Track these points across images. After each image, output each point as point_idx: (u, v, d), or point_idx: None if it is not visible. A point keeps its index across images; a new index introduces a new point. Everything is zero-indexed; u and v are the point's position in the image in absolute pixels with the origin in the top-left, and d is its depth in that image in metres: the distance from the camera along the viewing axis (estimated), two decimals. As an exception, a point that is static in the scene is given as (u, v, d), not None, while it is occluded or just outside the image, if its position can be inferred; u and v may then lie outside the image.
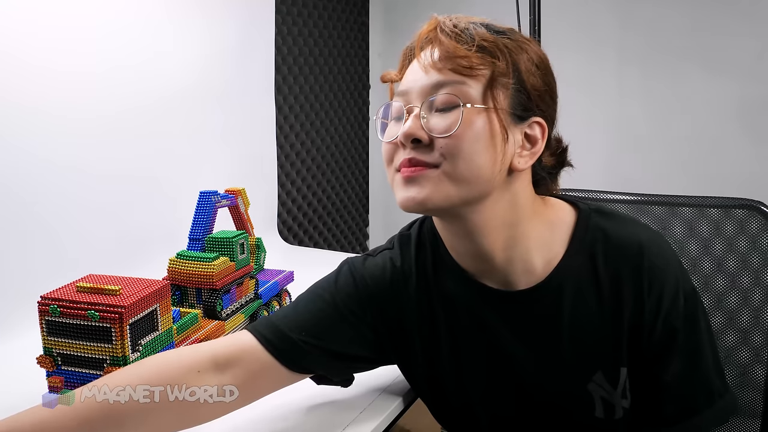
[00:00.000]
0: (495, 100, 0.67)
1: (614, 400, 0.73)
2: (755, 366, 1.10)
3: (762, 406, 1.08)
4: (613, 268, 0.72)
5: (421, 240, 0.82)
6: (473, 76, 0.67)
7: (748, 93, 1.76)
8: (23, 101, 1.10)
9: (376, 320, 0.79)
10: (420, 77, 0.69)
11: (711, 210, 1.16)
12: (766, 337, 1.10)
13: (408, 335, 0.80)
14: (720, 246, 1.14)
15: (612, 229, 0.74)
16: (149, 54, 1.34)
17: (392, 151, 0.71)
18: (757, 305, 1.11)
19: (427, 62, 0.68)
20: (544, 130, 0.71)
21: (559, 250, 0.74)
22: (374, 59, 2.33)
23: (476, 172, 0.67)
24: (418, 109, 0.67)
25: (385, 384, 0.88)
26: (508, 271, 0.74)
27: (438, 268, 0.79)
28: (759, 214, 1.11)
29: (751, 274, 1.12)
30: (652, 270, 0.71)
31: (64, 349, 0.74)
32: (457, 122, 0.65)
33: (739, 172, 1.79)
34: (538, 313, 0.74)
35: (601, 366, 0.73)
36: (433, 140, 0.66)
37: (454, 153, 0.66)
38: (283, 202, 1.88)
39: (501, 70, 0.67)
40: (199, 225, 1.04)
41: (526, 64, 0.69)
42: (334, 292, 0.79)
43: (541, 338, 0.75)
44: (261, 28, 1.70)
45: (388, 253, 0.82)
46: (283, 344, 0.74)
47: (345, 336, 0.78)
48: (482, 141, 0.66)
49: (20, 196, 1.11)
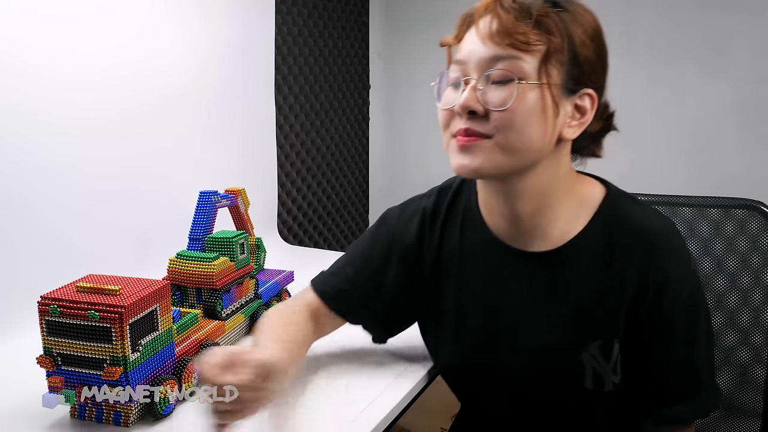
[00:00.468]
0: (549, 75, 0.70)
1: (605, 373, 0.77)
2: (755, 366, 1.10)
3: (762, 406, 1.08)
4: (625, 251, 0.76)
5: (461, 189, 0.89)
6: (529, 52, 0.69)
7: (748, 93, 1.76)
8: (23, 101, 1.10)
9: (403, 268, 0.88)
10: (477, 48, 0.71)
11: (711, 210, 1.16)
12: (766, 337, 1.10)
13: (422, 279, 0.88)
14: (720, 246, 1.15)
15: (633, 214, 0.78)
16: (149, 53, 1.34)
17: (449, 118, 0.75)
18: (757, 305, 1.11)
19: (485, 33, 0.70)
20: (594, 100, 0.74)
21: (580, 225, 0.79)
22: (374, 59, 2.33)
23: (527, 144, 0.71)
24: (475, 81, 0.71)
25: (384, 384, 0.88)
26: (528, 234, 0.79)
27: (466, 218, 0.86)
28: (759, 214, 1.11)
29: (751, 274, 1.12)
30: (661, 260, 0.75)
31: (64, 349, 0.74)
32: (512, 97, 0.69)
33: (739, 172, 1.79)
34: (548, 276, 0.79)
35: (597, 338, 0.77)
36: (488, 112, 0.70)
37: (507, 126, 0.70)
38: (283, 202, 1.88)
39: (556, 46, 0.70)
40: (199, 225, 1.04)
41: (581, 37, 0.71)
42: (371, 244, 0.91)
43: (546, 299, 0.79)
44: (261, 28, 1.70)
45: (423, 202, 0.91)
46: (335, 297, 0.90)
47: (380, 285, 0.89)
48: (535, 115, 0.70)
49: (20, 195, 1.10)
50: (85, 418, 0.77)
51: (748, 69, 1.75)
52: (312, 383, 0.89)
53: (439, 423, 1.77)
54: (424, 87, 2.30)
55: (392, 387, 0.87)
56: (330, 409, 0.81)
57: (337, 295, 0.90)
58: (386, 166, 2.42)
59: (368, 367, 0.93)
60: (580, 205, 0.79)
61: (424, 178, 2.37)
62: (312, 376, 0.91)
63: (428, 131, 2.29)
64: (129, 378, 0.73)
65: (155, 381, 0.77)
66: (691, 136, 1.86)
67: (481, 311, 0.84)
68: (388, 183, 2.42)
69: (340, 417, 0.79)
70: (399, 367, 0.93)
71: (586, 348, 0.77)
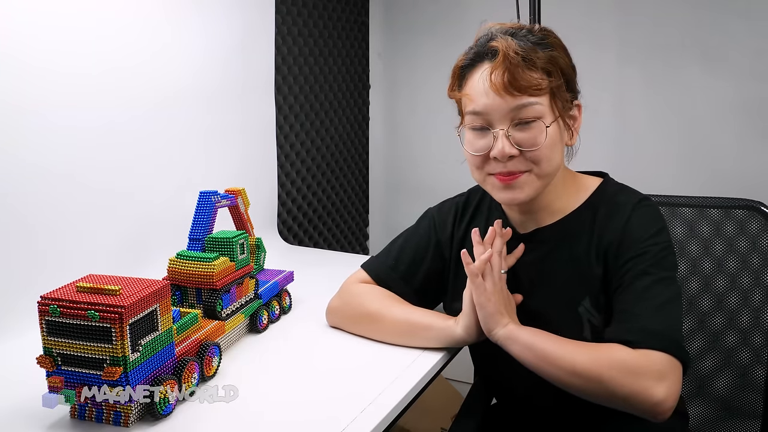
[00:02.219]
0: (557, 108, 0.87)
1: (599, 324, 0.89)
2: (755, 366, 1.10)
3: (762, 407, 1.08)
4: (606, 219, 0.91)
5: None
6: (541, 95, 0.85)
7: (748, 92, 1.76)
8: (23, 102, 1.10)
9: (438, 256, 1.05)
10: (496, 101, 0.85)
11: (711, 210, 1.16)
12: (766, 338, 1.10)
13: (450, 263, 1.05)
14: (720, 246, 1.15)
15: (618, 195, 0.93)
16: (148, 54, 1.34)
17: (482, 161, 0.90)
18: (757, 305, 1.11)
19: (499, 86, 0.84)
20: (579, 107, 0.93)
21: (571, 208, 0.95)
22: (374, 59, 2.33)
23: (556, 166, 0.89)
24: (504, 130, 0.86)
25: (384, 384, 0.88)
26: (537, 218, 0.96)
27: (491, 212, 1.03)
28: (759, 214, 1.11)
29: (751, 274, 1.12)
30: (633, 219, 0.89)
31: (64, 349, 0.74)
32: (541, 137, 0.85)
33: (739, 172, 1.79)
34: (549, 246, 0.94)
35: (588, 293, 0.90)
36: (521, 152, 0.86)
37: (540, 159, 0.86)
38: (283, 202, 1.88)
39: (557, 83, 0.86)
40: (199, 225, 1.04)
41: (564, 63, 0.89)
42: (415, 236, 1.08)
43: (546, 266, 0.94)
44: (261, 28, 1.70)
45: (457, 199, 1.08)
46: (385, 279, 1.06)
47: (422, 270, 1.05)
48: (556, 142, 0.88)
49: (20, 195, 1.10)
50: (85, 418, 0.77)
51: (749, 68, 1.75)
52: (312, 383, 0.89)
53: (439, 423, 1.77)
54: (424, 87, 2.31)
55: (392, 387, 0.87)
56: (330, 409, 0.81)
57: (383, 275, 1.07)
58: (386, 166, 2.42)
59: (368, 367, 0.93)
60: (577, 191, 0.96)
61: (424, 179, 2.38)
62: (312, 376, 0.91)
63: (428, 131, 2.29)
64: (129, 378, 0.73)
65: (155, 381, 0.77)
66: (691, 136, 1.86)
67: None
68: (388, 183, 2.42)
69: (340, 417, 0.79)
70: (399, 367, 0.93)
71: (581, 302, 0.90)
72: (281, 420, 0.79)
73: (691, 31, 1.81)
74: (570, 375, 0.81)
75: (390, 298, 1.03)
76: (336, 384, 0.89)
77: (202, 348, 0.88)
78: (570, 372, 0.81)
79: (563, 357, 0.82)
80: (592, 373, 0.79)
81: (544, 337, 0.86)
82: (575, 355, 0.81)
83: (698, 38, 1.81)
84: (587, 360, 0.80)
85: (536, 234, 0.96)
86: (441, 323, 0.97)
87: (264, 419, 0.79)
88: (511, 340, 0.87)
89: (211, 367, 0.89)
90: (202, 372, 0.87)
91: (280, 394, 0.86)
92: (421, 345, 0.98)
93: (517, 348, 0.86)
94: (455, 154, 0.96)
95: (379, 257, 1.10)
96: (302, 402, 0.84)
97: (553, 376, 0.83)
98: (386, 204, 2.43)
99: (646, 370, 0.76)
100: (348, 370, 0.93)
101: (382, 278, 1.07)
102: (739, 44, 1.75)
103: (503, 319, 0.89)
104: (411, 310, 1.00)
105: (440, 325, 0.96)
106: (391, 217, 2.42)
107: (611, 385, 0.77)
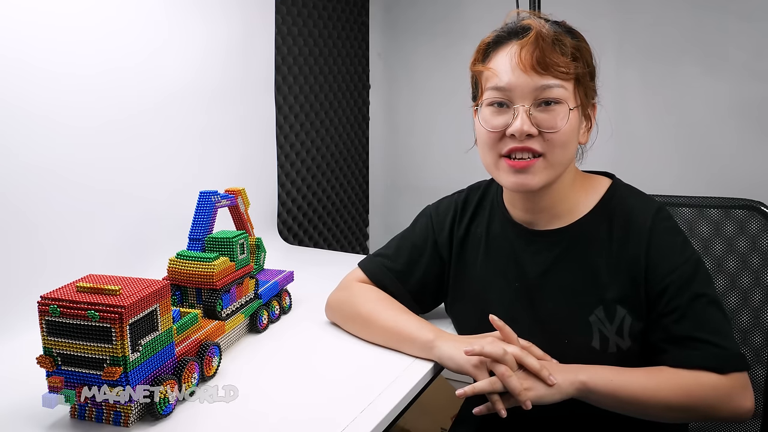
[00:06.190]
0: (580, 97, 0.86)
1: (609, 334, 0.87)
2: (755, 367, 1.10)
3: (762, 407, 1.08)
4: (624, 231, 0.89)
5: (489, 187, 1.05)
6: (567, 80, 0.84)
7: (748, 92, 1.76)
8: (23, 103, 1.10)
9: (436, 254, 1.04)
10: (522, 77, 0.83)
11: (711, 210, 1.16)
12: (765, 338, 1.10)
13: (450, 261, 1.03)
14: (720, 246, 1.15)
15: (632, 202, 0.92)
16: (148, 54, 1.34)
17: (496, 138, 0.87)
18: (757, 305, 1.11)
19: (527, 63, 0.83)
20: (595, 107, 0.92)
21: (585, 210, 0.93)
22: (374, 59, 2.33)
23: (569, 158, 0.88)
24: (526, 107, 0.83)
25: (384, 384, 0.88)
26: (544, 218, 0.94)
27: (493, 210, 1.01)
28: (759, 214, 1.11)
29: (751, 274, 1.12)
30: (656, 238, 0.86)
31: (64, 349, 0.74)
32: (564, 120, 0.83)
33: (739, 172, 1.79)
34: (558, 249, 0.92)
35: (601, 303, 0.88)
36: (540, 132, 0.84)
37: (557, 144, 0.84)
38: (283, 202, 1.88)
39: (582, 72, 0.86)
40: (199, 225, 1.04)
41: (590, 59, 0.89)
42: (412, 235, 1.07)
43: (557, 269, 0.92)
44: (261, 28, 1.70)
45: (456, 197, 1.07)
46: (381, 279, 1.05)
47: (419, 270, 1.03)
48: (574, 132, 0.87)
49: (20, 195, 1.10)
50: (85, 418, 0.77)
51: (749, 68, 1.75)
52: (312, 383, 0.89)
53: (439, 423, 1.77)
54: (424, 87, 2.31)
55: (392, 387, 0.87)
56: (330, 409, 0.81)
57: (379, 274, 1.06)
58: (386, 166, 2.41)
59: (368, 368, 0.94)
60: (585, 194, 0.94)
61: (425, 179, 2.38)
62: (312, 376, 0.91)
63: (428, 131, 2.29)
64: (129, 378, 0.73)
65: (155, 381, 0.77)
66: (691, 136, 1.86)
67: (504, 282, 0.96)
68: (388, 183, 2.42)
69: (340, 417, 0.79)
70: (399, 367, 0.93)
71: (593, 311, 0.88)
72: (281, 420, 0.79)
73: (690, 32, 1.81)
74: (664, 410, 0.82)
75: (383, 301, 1.01)
76: (336, 384, 0.89)
77: (202, 348, 0.88)
78: (664, 408, 0.82)
79: (654, 397, 0.81)
80: (686, 405, 0.81)
81: (619, 379, 0.82)
82: (666, 392, 0.81)
83: (698, 39, 1.81)
84: (680, 395, 0.81)
85: (549, 234, 0.94)
86: (423, 337, 0.93)
87: (264, 419, 0.79)
88: (585, 394, 0.82)
89: (211, 367, 0.89)
90: (202, 372, 0.87)
91: (280, 394, 0.86)
92: (406, 353, 0.96)
93: (595, 398, 0.83)
94: (455, 153, 0.96)
95: (376, 255, 1.09)
96: (302, 402, 0.84)
97: (644, 415, 0.84)
98: (386, 204, 2.43)
99: (736, 392, 0.81)
100: (348, 370, 0.93)
101: (378, 278, 1.06)
102: (739, 45, 1.75)
103: (560, 387, 0.82)
104: (400, 316, 0.98)
105: (422, 339, 0.93)
106: (391, 217, 2.42)
107: (708, 413, 0.82)
